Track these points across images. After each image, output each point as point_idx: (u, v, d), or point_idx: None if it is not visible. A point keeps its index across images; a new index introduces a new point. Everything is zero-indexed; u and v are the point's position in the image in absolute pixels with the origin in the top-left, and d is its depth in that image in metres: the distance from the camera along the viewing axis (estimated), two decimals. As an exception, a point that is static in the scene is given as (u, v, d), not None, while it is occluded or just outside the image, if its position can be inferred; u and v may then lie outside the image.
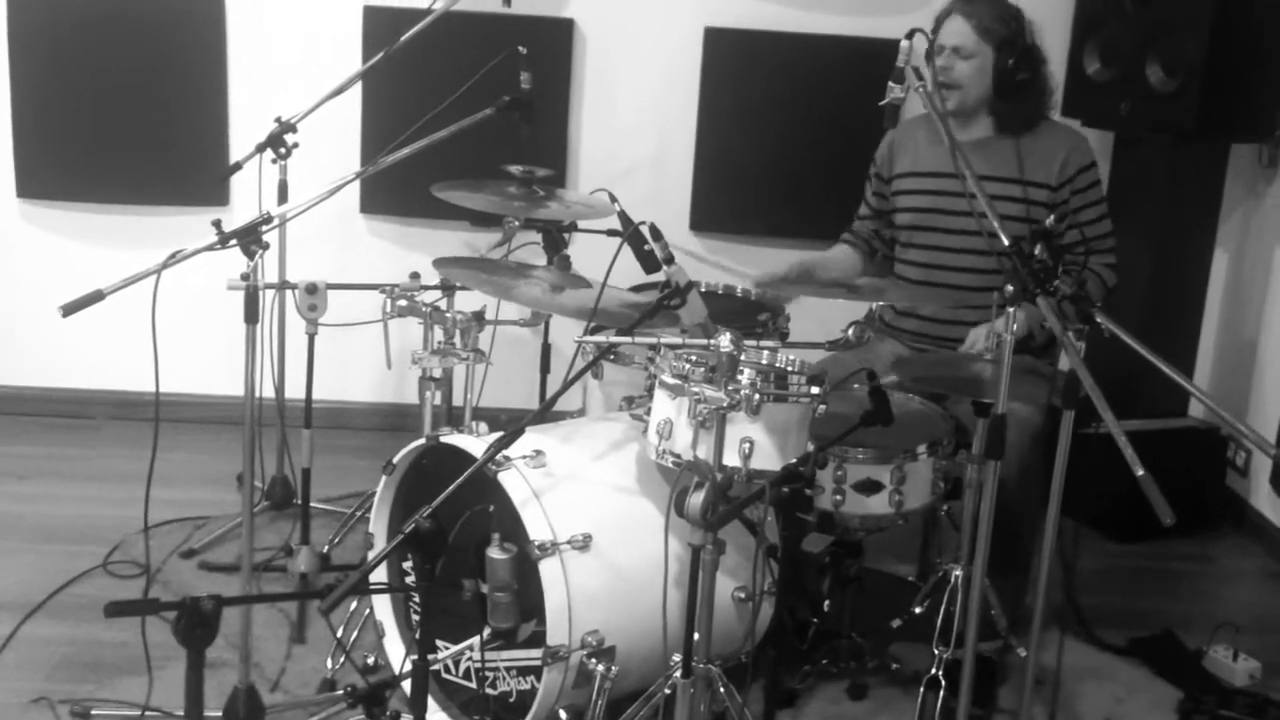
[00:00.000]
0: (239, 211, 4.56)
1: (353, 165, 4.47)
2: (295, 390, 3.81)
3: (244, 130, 4.56)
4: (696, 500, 2.49)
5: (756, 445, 2.63)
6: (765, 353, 2.89)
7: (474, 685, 2.93)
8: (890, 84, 2.84)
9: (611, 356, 3.28)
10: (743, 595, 2.93)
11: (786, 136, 4.68)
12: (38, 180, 4.67)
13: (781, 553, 2.99)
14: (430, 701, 2.82)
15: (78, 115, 4.59)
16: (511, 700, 2.87)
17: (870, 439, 2.99)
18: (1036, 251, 2.59)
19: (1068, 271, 2.94)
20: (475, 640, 2.78)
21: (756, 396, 2.60)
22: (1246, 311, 4.57)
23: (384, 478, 3.05)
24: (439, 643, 2.90)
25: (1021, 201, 3.48)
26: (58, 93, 4.56)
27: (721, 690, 2.74)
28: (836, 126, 4.56)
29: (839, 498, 3.08)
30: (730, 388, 2.57)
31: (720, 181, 4.75)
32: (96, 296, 2.62)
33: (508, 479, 2.76)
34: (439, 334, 3.29)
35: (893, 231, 3.77)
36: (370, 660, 3.18)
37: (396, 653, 3.11)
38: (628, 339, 2.75)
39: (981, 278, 3.50)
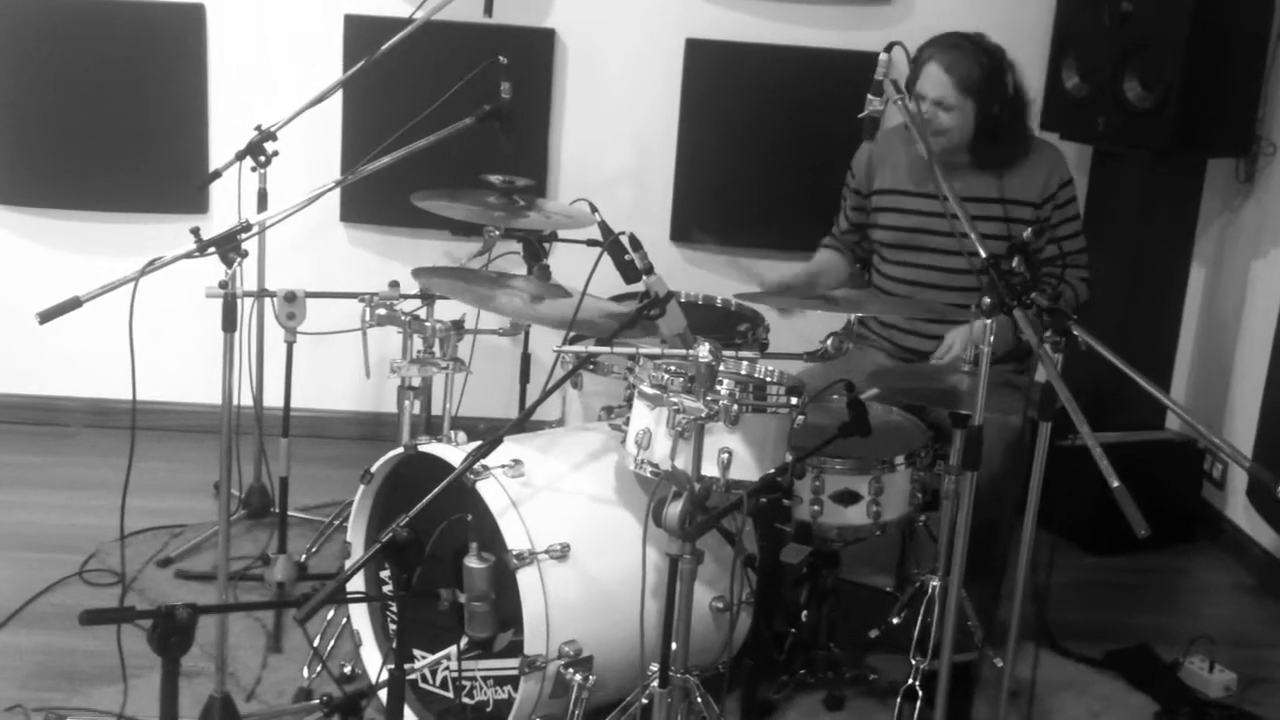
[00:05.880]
0: (218, 219, 4.54)
1: (333, 174, 4.46)
2: (273, 399, 3.80)
3: (224, 138, 4.54)
4: (674, 510, 2.50)
5: (735, 455, 2.63)
6: (744, 363, 2.90)
7: (451, 695, 2.92)
8: (869, 96, 2.86)
9: (591, 366, 3.29)
10: (720, 605, 2.94)
11: (767, 148, 4.68)
12: (15, 186, 4.64)
13: (759, 563, 3.00)
14: (407, 711, 2.81)
15: (56, 121, 4.56)
16: (489, 710, 2.87)
17: (848, 450, 3.00)
18: (1014, 265, 2.61)
19: (1046, 284, 2.96)
20: (452, 649, 2.78)
21: (735, 407, 2.60)
22: (1223, 325, 4.60)
23: (362, 487, 3.05)
24: (416, 652, 2.90)
25: (1002, 220, 3.49)
26: (36, 98, 4.53)
27: (699, 700, 2.74)
28: (817, 138, 4.57)
29: (817, 508, 3.09)
30: (709, 398, 2.58)
31: (701, 192, 4.75)
32: (74, 303, 2.62)
33: (486, 488, 2.76)
34: (418, 343, 3.29)
35: (871, 245, 3.78)
36: (347, 669, 3.18)
37: (373, 662, 3.11)
38: (607, 349, 2.75)
39: (964, 295, 3.49)
